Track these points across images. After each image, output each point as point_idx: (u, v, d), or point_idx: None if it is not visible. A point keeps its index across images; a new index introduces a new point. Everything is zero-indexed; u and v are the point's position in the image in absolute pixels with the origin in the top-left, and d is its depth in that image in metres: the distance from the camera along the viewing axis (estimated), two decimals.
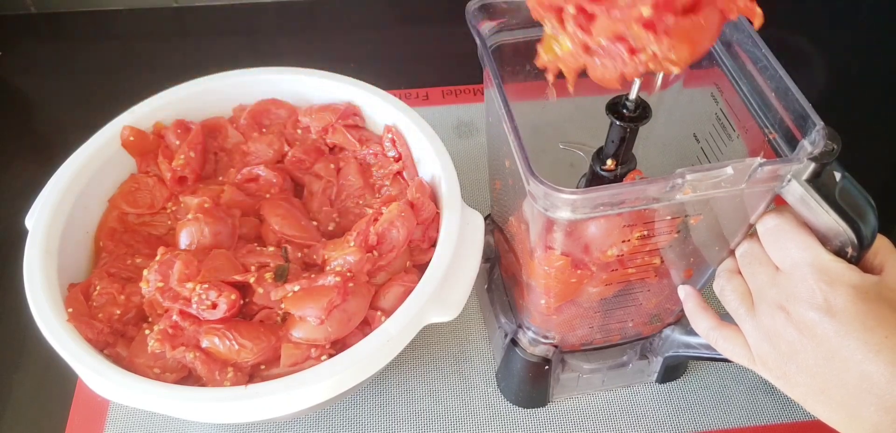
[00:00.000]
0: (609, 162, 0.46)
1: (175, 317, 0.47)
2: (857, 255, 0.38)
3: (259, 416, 0.44)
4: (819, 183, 0.37)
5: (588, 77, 0.37)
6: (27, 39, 0.92)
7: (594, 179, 0.48)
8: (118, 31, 0.94)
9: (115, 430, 0.56)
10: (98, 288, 0.50)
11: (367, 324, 0.50)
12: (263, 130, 0.61)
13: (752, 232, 0.42)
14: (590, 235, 0.42)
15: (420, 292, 0.48)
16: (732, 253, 0.44)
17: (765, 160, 0.36)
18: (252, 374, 0.48)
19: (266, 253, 0.51)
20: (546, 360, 0.54)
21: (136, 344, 0.48)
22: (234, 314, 0.48)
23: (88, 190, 0.54)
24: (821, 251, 0.37)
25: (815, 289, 0.36)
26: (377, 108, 0.61)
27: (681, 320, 0.54)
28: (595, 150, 0.48)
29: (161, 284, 0.48)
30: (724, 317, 0.45)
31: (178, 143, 0.58)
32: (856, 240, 0.37)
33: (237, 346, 0.46)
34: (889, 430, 0.34)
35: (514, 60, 0.49)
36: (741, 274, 0.43)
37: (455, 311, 0.48)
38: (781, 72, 0.41)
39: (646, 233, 0.42)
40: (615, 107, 0.45)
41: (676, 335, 0.55)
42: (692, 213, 0.41)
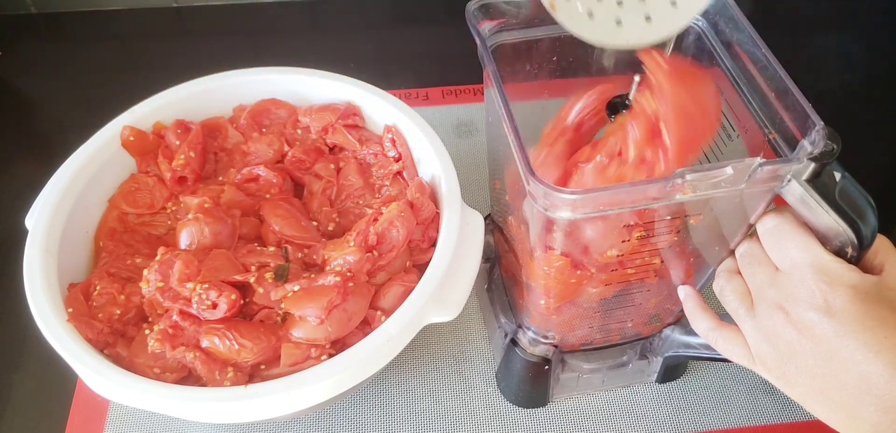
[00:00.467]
0: None
1: (175, 317, 0.47)
2: (857, 255, 0.38)
3: (259, 416, 0.44)
4: (819, 183, 0.37)
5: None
6: (27, 39, 0.92)
7: None
8: (118, 31, 0.94)
9: (115, 430, 0.56)
10: (98, 288, 0.50)
11: (367, 324, 0.50)
12: (263, 130, 0.61)
13: (752, 232, 0.42)
14: (589, 235, 0.42)
15: (420, 292, 0.48)
16: (732, 253, 0.44)
17: (765, 160, 0.36)
18: (252, 374, 0.48)
19: (266, 253, 0.52)
20: (546, 360, 0.54)
21: (136, 344, 0.48)
22: (235, 314, 0.48)
23: (88, 190, 0.54)
24: (820, 251, 0.37)
25: (815, 289, 0.36)
26: (377, 108, 0.61)
27: (680, 320, 0.54)
28: None
29: (161, 284, 0.48)
30: (724, 317, 0.45)
31: (178, 143, 0.58)
32: (856, 240, 0.37)
33: (237, 346, 0.46)
34: (889, 431, 0.34)
35: (514, 60, 0.49)
36: (741, 274, 0.43)
37: (455, 311, 0.48)
38: (781, 72, 0.41)
39: (645, 233, 0.42)
40: (615, 107, 0.45)
41: (676, 335, 0.55)
42: (692, 213, 0.41)
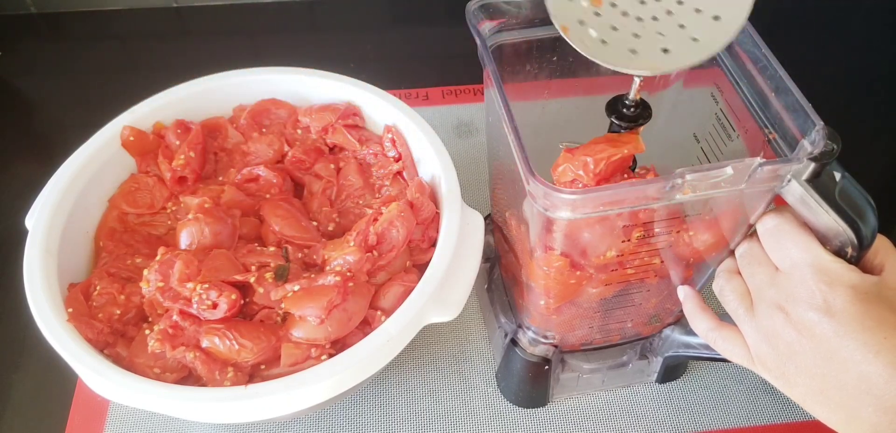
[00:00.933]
0: None
1: (175, 317, 0.47)
2: (857, 255, 0.38)
3: (259, 416, 0.44)
4: (819, 183, 0.37)
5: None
6: (27, 39, 0.92)
7: None
8: (118, 31, 0.94)
9: (115, 430, 0.56)
10: (98, 288, 0.50)
11: (367, 323, 0.50)
12: (263, 130, 0.61)
13: (752, 232, 0.42)
14: (589, 235, 0.42)
15: (420, 292, 0.48)
16: (732, 253, 0.44)
17: (765, 160, 0.36)
18: (252, 374, 0.48)
19: (266, 253, 0.52)
20: (546, 360, 0.54)
21: (136, 344, 0.48)
22: (235, 314, 0.48)
23: (88, 190, 0.54)
24: (820, 251, 0.37)
25: (815, 289, 0.36)
26: (377, 108, 0.61)
27: (680, 320, 0.54)
28: None
29: (161, 284, 0.48)
30: (723, 317, 0.45)
31: (178, 143, 0.58)
32: (855, 240, 0.37)
33: (237, 346, 0.46)
34: (888, 431, 0.34)
35: (515, 60, 0.49)
36: (741, 274, 0.43)
37: (455, 311, 0.48)
38: (781, 72, 0.41)
39: (645, 233, 0.42)
40: (615, 106, 0.45)
41: (676, 335, 0.55)
42: (692, 213, 0.41)
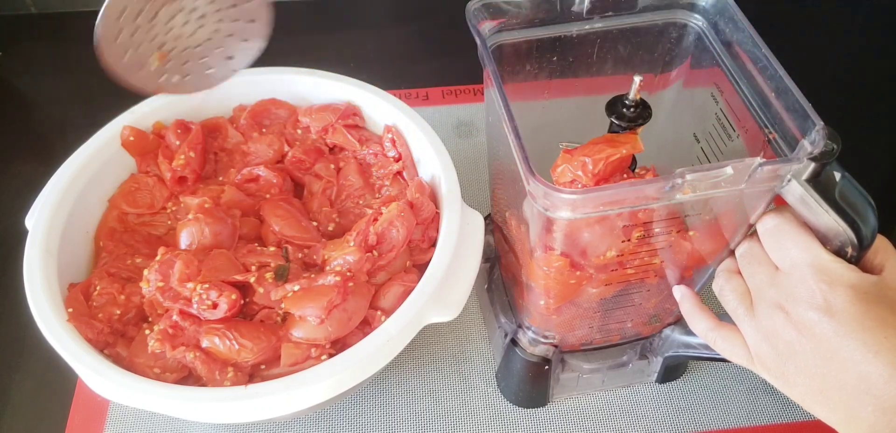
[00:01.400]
0: None
1: (175, 317, 0.47)
2: (857, 255, 0.38)
3: (259, 416, 0.44)
4: (819, 183, 0.37)
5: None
6: (27, 39, 0.92)
7: None
8: None
9: (115, 430, 0.56)
10: (98, 288, 0.50)
11: (367, 323, 0.50)
12: (263, 130, 0.61)
13: (752, 232, 0.42)
14: (589, 235, 0.42)
15: (420, 292, 0.48)
16: (732, 253, 0.44)
17: (765, 160, 0.36)
18: (252, 374, 0.48)
19: (266, 253, 0.52)
20: (546, 360, 0.54)
21: (136, 344, 0.48)
22: (235, 314, 0.48)
23: (88, 190, 0.54)
24: (820, 251, 0.37)
25: (815, 289, 0.36)
26: (377, 108, 0.61)
27: (680, 321, 0.54)
28: None
29: (161, 284, 0.48)
30: (723, 317, 0.45)
31: (178, 144, 0.58)
32: (855, 239, 0.37)
33: (237, 346, 0.46)
34: (887, 431, 0.34)
35: (515, 60, 0.49)
36: (741, 274, 0.43)
37: (455, 311, 0.48)
38: (781, 71, 0.41)
39: (645, 233, 0.42)
40: (615, 106, 0.45)
41: (676, 335, 0.55)
42: (692, 213, 0.41)
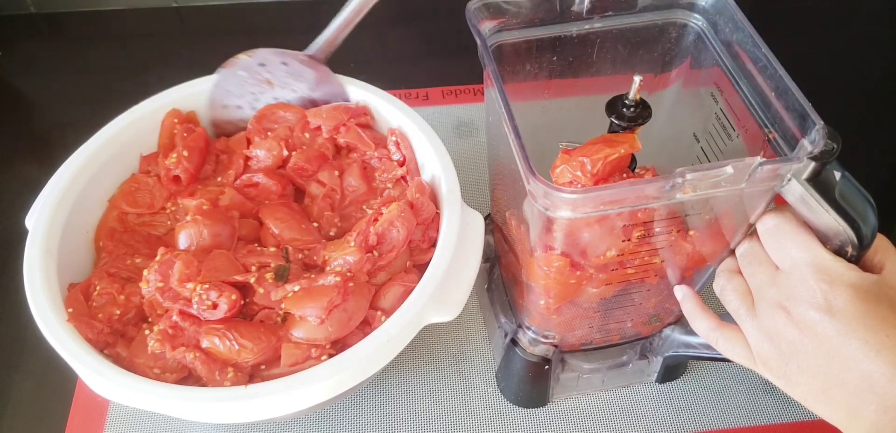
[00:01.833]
0: None
1: (175, 317, 0.47)
2: (857, 255, 0.38)
3: (259, 416, 0.44)
4: (819, 182, 0.37)
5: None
6: (27, 39, 0.92)
7: None
8: (118, 31, 0.94)
9: (115, 430, 0.56)
10: (98, 288, 0.50)
11: (368, 324, 0.50)
12: (268, 134, 0.61)
13: (753, 231, 0.42)
14: (589, 235, 0.42)
15: (420, 292, 0.48)
16: (733, 252, 0.44)
17: (765, 159, 0.36)
18: (252, 374, 0.48)
19: (266, 253, 0.51)
20: (546, 360, 0.54)
21: (136, 344, 0.48)
22: (235, 314, 0.48)
23: (88, 190, 0.54)
24: (820, 251, 0.37)
25: (815, 288, 0.36)
26: (377, 108, 0.61)
27: (680, 320, 0.54)
28: None
29: (161, 285, 0.48)
30: (724, 316, 0.45)
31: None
32: (856, 239, 0.37)
33: (237, 347, 0.46)
34: (889, 430, 0.34)
35: (515, 60, 0.49)
36: (741, 273, 0.43)
37: (455, 311, 0.48)
38: (781, 71, 0.41)
39: (645, 233, 0.42)
40: (615, 106, 0.45)
41: (676, 335, 0.55)
42: (692, 213, 0.41)
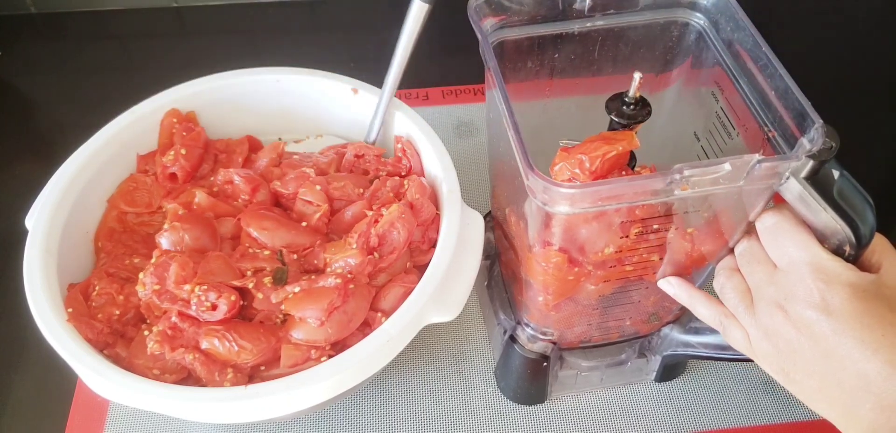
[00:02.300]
0: None
1: (174, 318, 0.47)
2: (855, 254, 0.38)
3: (259, 416, 0.44)
4: (817, 181, 0.37)
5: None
6: (27, 39, 0.92)
7: None
8: (118, 31, 0.94)
9: (115, 430, 0.56)
10: (97, 288, 0.50)
11: (368, 325, 0.50)
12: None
13: (751, 229, 0.42)
14: (587, 232, 0.42)
15: (420, 293, 0.48)
16: (732, 251, 0.44)
17: (763, 157, 0.36)
18: (252, 375, 0.48)
19: (261, 256, 0.51)
20: (544, 357, 0.54)
21: (136, 344, 0.48)
22: (234, 315, 0.48)
23: (88, 190, 0.54)
24: (818, 250, 0.37)
25: (813, 287, 0.36)
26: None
27: (679, 319, 0.54)
28: None
29: (158, 287, 0.48)
30: None
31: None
32: (854, 238, 0.37)
33: (237, 348, 0.46)
34: (886, 429, 0.34)
35: (516, 57, 0.49)
36: (740, 272, 0.43)
37: (455, 312, 0.48)
38: (781, 70, 0.41)
39: (643, 229, 0.42)
40: (615, 104, 0.45)
41: (675, 334, 0.55)
42: (691, 211, 0.41)
